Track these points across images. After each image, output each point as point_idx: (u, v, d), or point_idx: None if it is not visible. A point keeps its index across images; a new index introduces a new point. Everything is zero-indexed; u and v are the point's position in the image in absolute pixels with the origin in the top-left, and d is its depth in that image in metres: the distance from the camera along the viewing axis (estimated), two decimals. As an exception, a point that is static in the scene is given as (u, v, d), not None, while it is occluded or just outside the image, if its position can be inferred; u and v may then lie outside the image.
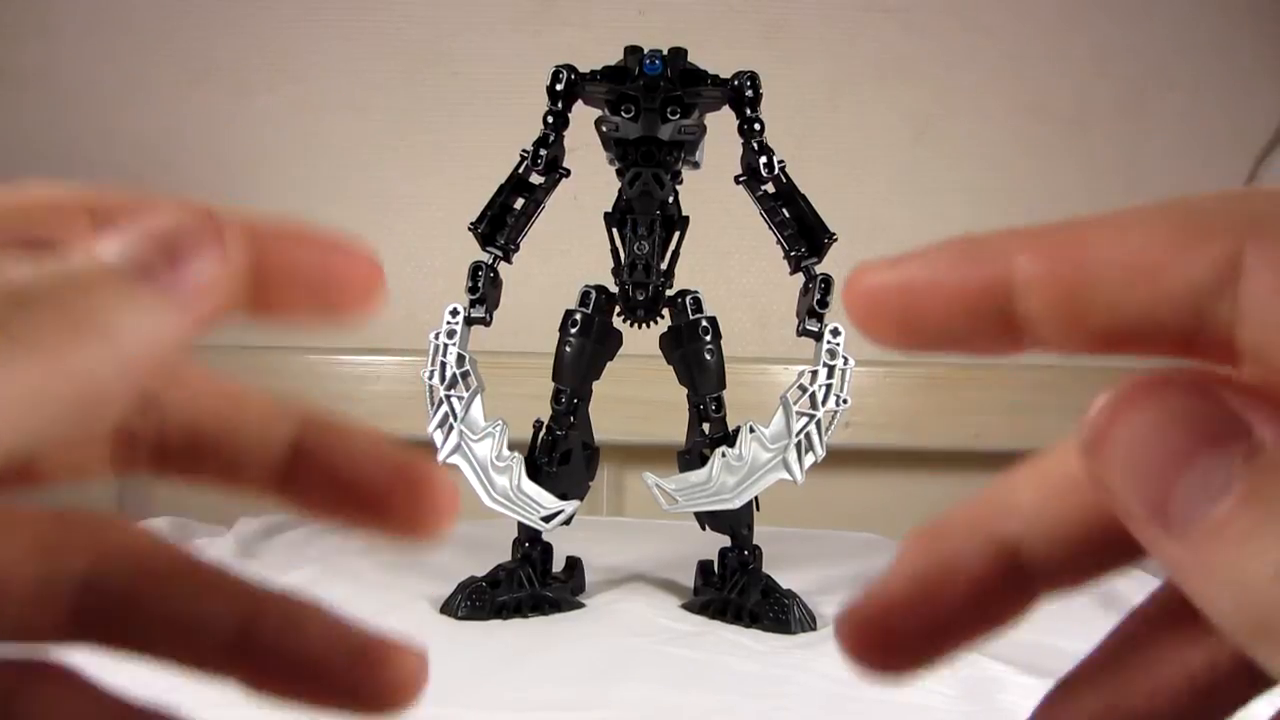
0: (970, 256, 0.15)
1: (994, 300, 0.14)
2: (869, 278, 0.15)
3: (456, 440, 0.64)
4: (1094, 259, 0.13)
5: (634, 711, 0.49)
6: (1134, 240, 0.13)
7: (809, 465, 0.64)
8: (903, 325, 0.15)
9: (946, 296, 0.14)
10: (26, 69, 1.14)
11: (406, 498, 0.17)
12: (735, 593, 0.66)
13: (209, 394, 0.18)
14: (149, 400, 0.17)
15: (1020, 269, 0.14)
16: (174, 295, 0.15)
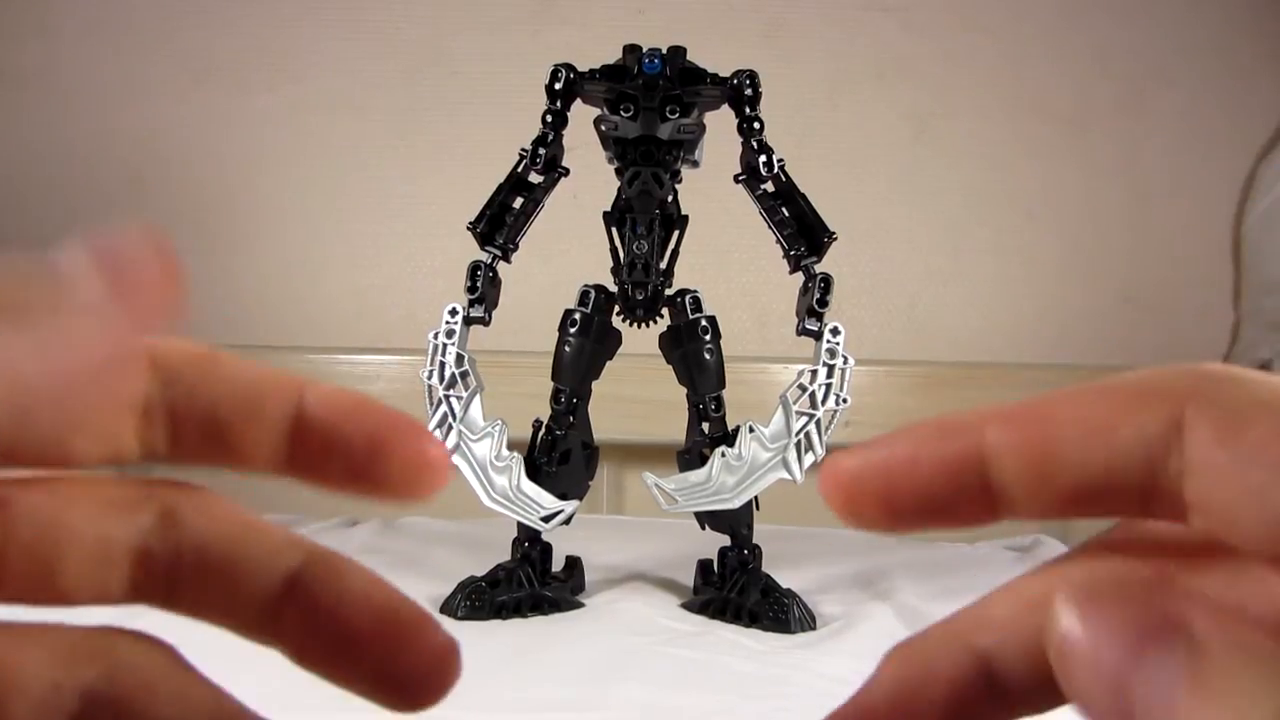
0: (943, 434, 0.16)
1: (969, 472, 0.16)
2: (846, 464, 0.16)
3: (456, 440, 0.64)
4: (1057, 423, 0.15)
5: (633, 711, 0.49)
6: (1092, 407, 0.15)
7: (809, 465, 0.64)
8: (885, 505, 0.16)
9: (925, 472, 0.16)
10: (26, 69, 1.14)
11: (389, 651, 0.18)
12: (735, 592, 0.66)
13: (224, 520, 0.18)
14: (171, 520, 0.17)
15: (991, 440, 0.16)
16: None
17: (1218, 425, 0.13)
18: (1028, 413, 0.16)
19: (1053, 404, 0.16)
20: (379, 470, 0.17)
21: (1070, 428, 0.15)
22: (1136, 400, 0.15)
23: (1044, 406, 0.16)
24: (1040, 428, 0.15)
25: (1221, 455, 0.13)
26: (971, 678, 0.16)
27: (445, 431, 0.65)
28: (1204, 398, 0.14)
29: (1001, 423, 0.16)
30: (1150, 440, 0.15)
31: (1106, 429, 0.15)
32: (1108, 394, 0.15)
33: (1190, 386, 0.14)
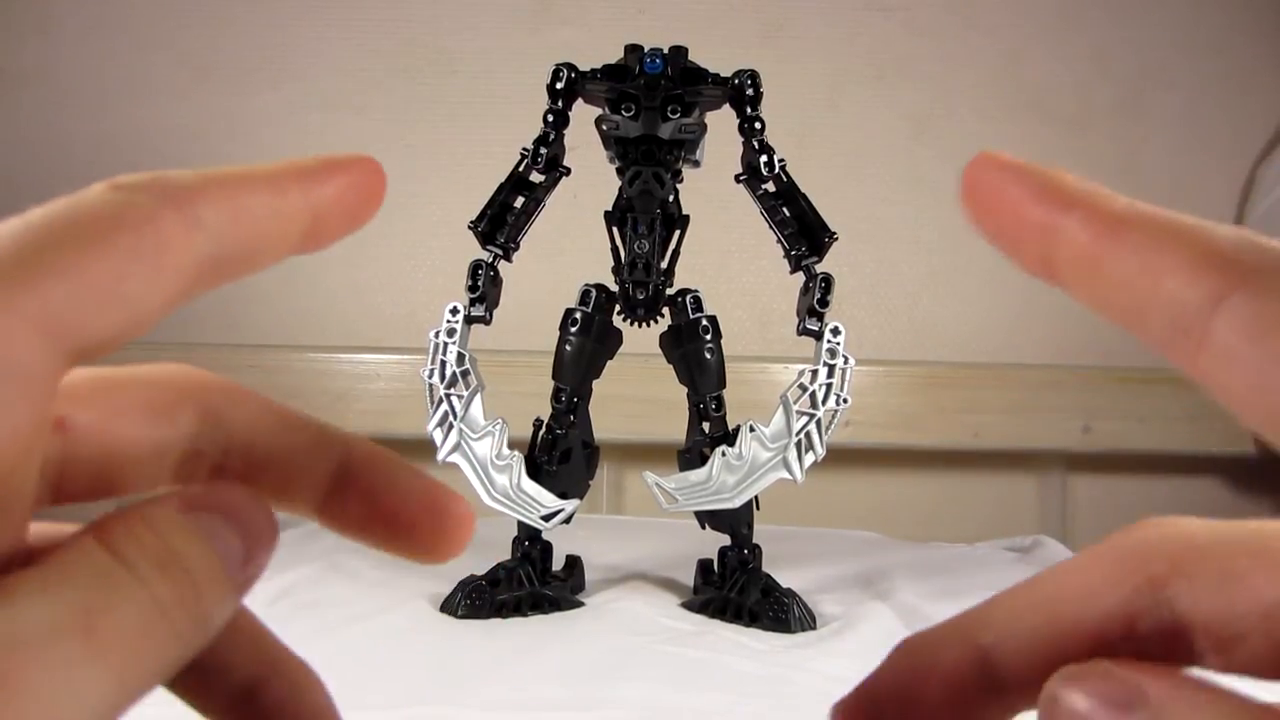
0: (938, 646, 0.17)
1: (972, 676, 0.17)
2: (847, 710, 0.17)
3: (456, 439, 0.64)
4: (1052, 606, 0.17)
5: (633, 710, 0.49)
6: (1074, 577, 0.17)
7: (809, 464, 0.64)
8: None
9: (939, 689, 0.17)
10: (26, 68, 1.14)
11: (431, 525, 0.19)
12: (735, 592, 0.66)
13: (268, 418, 0.19)
14: (216, 420, 0.19)
15: (989, 640, 0.17)
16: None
17: (1255, 317, 0.14)
18: (1016, 601, 0.17)
19: (1037, 587, 0.17)
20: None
21: (1058, 599, 0.17)
22: (1103, 558, 0.17)
23: (1029, 591, 0.17)
24: (1033, 613, 0.17)
25: (1252, 351, 0.14)
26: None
27: (446, 430, 0.65)
28: (1251, 284, 0.14)
29: (988, 618, 0.17)
30: (1126, 593, 0.16)
31: (1082, 585, 0.16)
32: (1077, 565, 0.17)
33: (1250, 264, 0.14)
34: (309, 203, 0.17)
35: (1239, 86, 1.18)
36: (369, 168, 0.18)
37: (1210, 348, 0.14)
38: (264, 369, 1.05)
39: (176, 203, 0.15)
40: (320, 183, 0.17)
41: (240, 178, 0.16)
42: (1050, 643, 0.17)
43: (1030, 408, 1.08)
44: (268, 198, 0.17)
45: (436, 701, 0.48)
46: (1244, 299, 0.14)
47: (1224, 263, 0.14)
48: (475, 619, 0.64)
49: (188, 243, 0.15)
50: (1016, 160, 0.17)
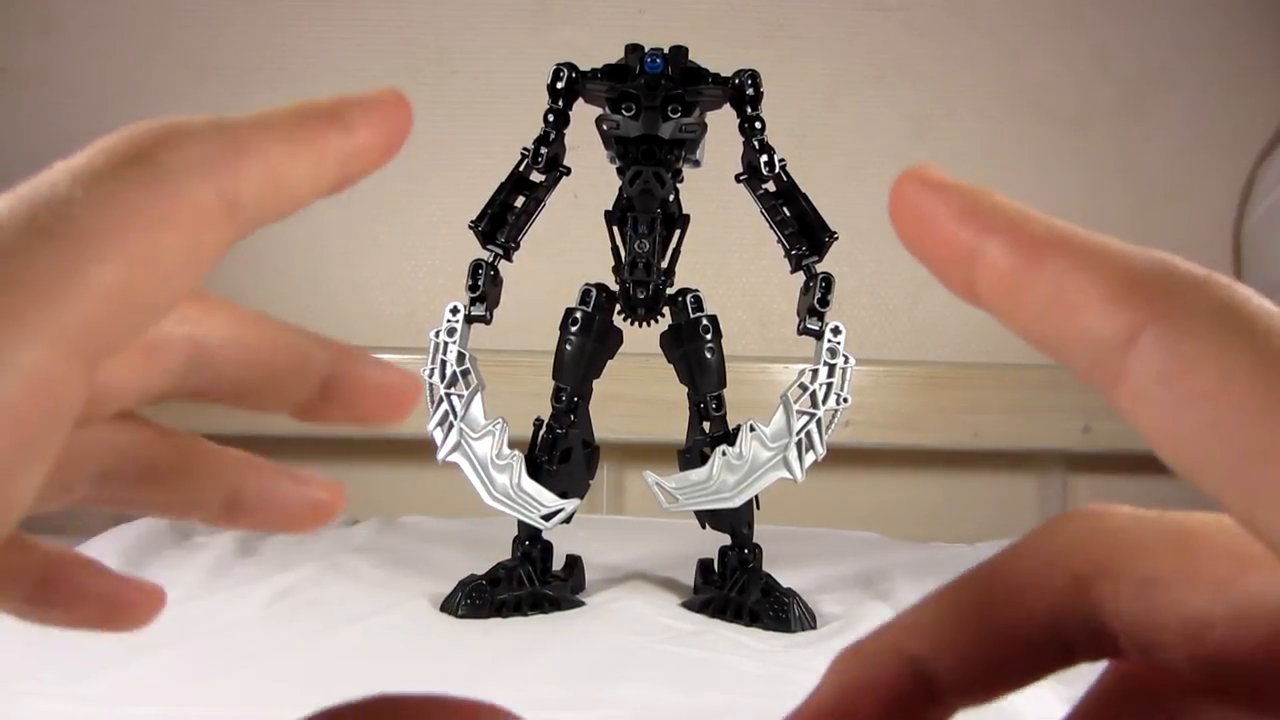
0: (873, 659, 0.17)
1: (917, 683, 0.17)
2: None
3: (457, 438, 0.64)
4: (977, 610, 0.17)
5: (634, 710, 0.49)
6: (997, 581, 0.17)
7: (809, 464, 0.64)
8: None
9: (877, 703, 0.17)
10: (27, 68, 1.14)
11: (392, 412, 0.21)
12: (735, 591, 0.66)
13: (259, 349, 0.20)
14: (205, 362, 0.19)
15: (916, 649, 0.17)
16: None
17: (1165, 358, 0.13)
18: (942, 605, 0.17)
19: (962, 589, 0.17)
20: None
21: (987, 605, 0.17)
22: (1028, 557, 0.17)
23: (954, 593, 0.17)
24: (960, 616, 0.17)
25: (1163, 394, 0.13)
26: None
27: (446, 430, 0.65)
28: (1164, 320, 0.13)
29: (917, 627, 0.17)
30: (1051, 593, 0.16)
31: (1013, 591, 0.17)
32: (1001, 564, 0.17)
33: (1165, 297, 0.14)
34: (342, 156, 0.17)
35: (1239, 86, 1.18)
36: (396, 104, 0.18)
37: (1125, 386, 0.14)
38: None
39: (219, 186, 0.14)
40: (351, 131, 0.17)
41: (281, 143, 0.16)
42: (981, 646, 0.17)
43: (1030, 408, 1.08)
44: (307, 163, 0.16)
45: (437, 701, 0.48)
46: (1156, 337, 0.13)
47: (1138, 296, 0.14)
48: (475, 618, 0.64)
49: (227, 234, 0.15)
50: (944, 178, 0.16)
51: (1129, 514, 0.17)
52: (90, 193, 0.13)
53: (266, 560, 0.78)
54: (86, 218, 0.13)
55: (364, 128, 0.17)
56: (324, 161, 0.16)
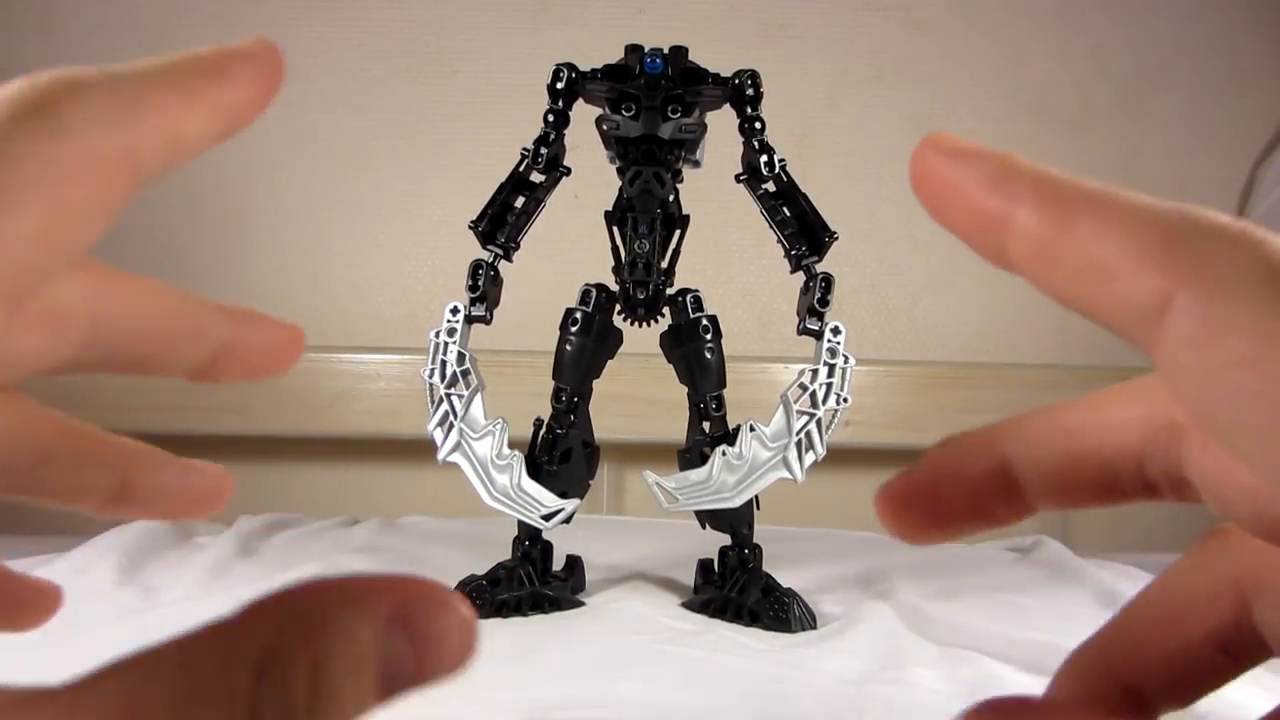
0: (969, 450, 0.19)
1: (997, 479, 0.19)
2: (893, 488, 0.19)
3: (457, 438, 0.64)
4: (1066, 424, 0.19)
5: (634, 709, 0.49)
6: (1093, 403, 0.18)
7: (809, 464, 0.64)
8: (932, 518, 0.19)
9: (962, 487, 0.19)
10: (28, 67, 1.14)
11: (283, 366, 0.22)
12: (735, 591, 0.66)
13: (160, 317, 0.20)
14: (107, 333, 0.20)
15: (1009, 449, 0.19)
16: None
17: (1197, 324, 0.13)
18: (1043, 422, 0.19)
19: (1065, 411, 0.19)
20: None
21: (1083, 429, 0.18)
22: (1134, 395, 0.18)
23: (1057, 413, 0.19)
24: (1056, 432, 0.18)
25: (1196, 359, 0.13)
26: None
27: (446, 430, 0.65)
28: (1196, 284, 0.13)
29: (1017, 432, 0.19)
30: (1144, 425, 0.17)
31: (1107, 418, 0.18)
32: (1109, 396, 0.18)
33: (1196, 257, 0.13)
34: (228, 108, 0.17)
35: (1239, 86, 1.18)
36: (269, 54, 0.18)
37: (1160, 348, 0.14)
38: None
39: (120, 140, 0.15)
40: (235, 84, 0.17)
41: (175, 97, 0.16)
42: (1065, 464, 0.18)
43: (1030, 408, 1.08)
44: (198, 116, 0.17)
45: (436, 701, 0.48)
46: (1188, 302, 0.13)
47: (1170, 258, 0.14)
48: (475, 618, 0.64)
49: (128, 186, 0.15)
50: (966, 144, 0.16)
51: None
52: (0, 145, 0.14)
53: (266, 561, 0.78)
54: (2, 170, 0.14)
55: (244, 80, 0.17)
56: (213, 114, 0.17)
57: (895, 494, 0.19)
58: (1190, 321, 0.13)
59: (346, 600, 0.15)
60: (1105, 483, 0.18)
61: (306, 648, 0.14)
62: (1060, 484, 0.18)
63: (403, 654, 0.15)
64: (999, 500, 0.19)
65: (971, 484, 0.19)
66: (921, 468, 0.19)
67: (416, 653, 0.15)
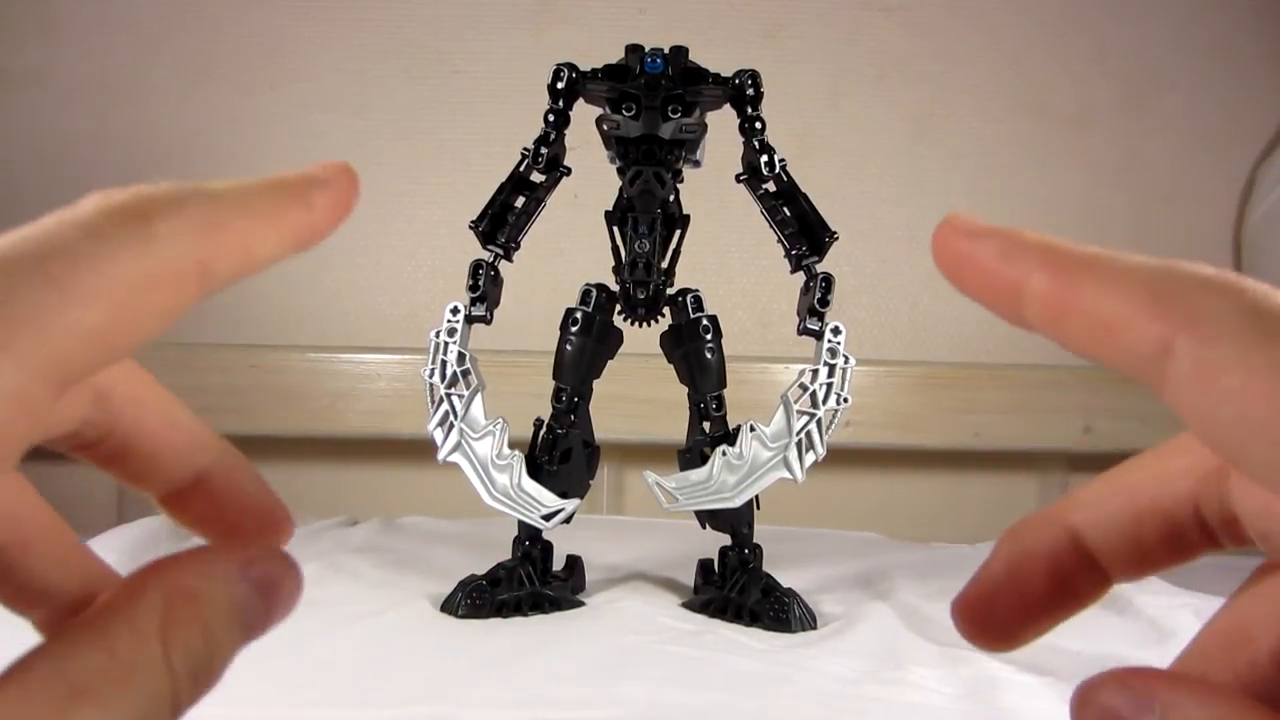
0: (1031, 533, 0.20)
1: (1069, 558, 0.19)
2: (969, 599, 0.20)
3: (457, 438, 0.64)
4: (1129, 486, 0.19)
5: (634, 710, 0.49)
6: (1152, 462, 0.19)
7: (809, 464, 0.64)
8: (1020, 614, 0.20)
9: (1040, 570, 0.20)
10: (27, 68, 1.14)
11: (256, 536, 0.22)
12: (735, 591, 0.66)
13: (155, 417, 0.21)
14: (107, 409, 0.20)
15: (1078, 520, 0.19)
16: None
17: (1194, 364, 0.15)
18: (1102, 485, 0.20)
19: (1122, 472, 0.20)
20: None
21: (1140, 485, 0.19)
22: (1182, 446, 0.19)
23: (1115, 476, 0.20)
24: (1116, 494, 0.19)
25: (1197, 394, 0.15)
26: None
27: (446, 430, 0.64)
28: (1191, 330, 0.15)
29: (1089, 512, 0.19)
30: (1194, 472, 0.18)
31: (1162, 471, 0.19)
32: (1160, 452, 0.19)
33: (1189, 307, 0.15)
34: (302, 230, 0.18)
35: (1239, 86, 1.18)
36: (348, 182, 0.19)
37: (1168, 389, 0.15)
38: (264, 369, 1.05)
39: (199, 256, 0.16)
40: (312, 209, 0.18)
41: (255, 220, 0.17)
42: (1130, 521, 0.19)
43: (1030, 408, 1.08)
44: (273, 237, 0.18)
45: (437, 701, 0.48)
46: (1185, 347, 0.15)
47: (1166, 309, 0.15)
48: (476, 619, 0.64)
49: (196, 296, 0.16)
50: (978, 224, 0.18)
51: None
52: (93, 245, 0.15)
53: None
54: (86, 268, 0.15)
55: (322, 205, 0.18)
56: (286, 235, 0.18)
57: (971, 601, 0.20)
58: (1189, 363, 0.15)
59: (206, 565, 0.18)
60: (1172, 536, 0.19)
61: (193, 610, 0.17)
62: (1131, 545, 0.19)
63: (255, 604, 0.18)
64: (1078, 576, 0.19)
65: (1047, 565, 0.19)
66: (991, 566, 0.20)
67: (265, 601, 0.18)
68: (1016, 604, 0.20)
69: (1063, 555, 0.19)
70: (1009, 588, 0.20)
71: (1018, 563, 0.20)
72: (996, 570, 0.20)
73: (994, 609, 0.20)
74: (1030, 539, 0.20)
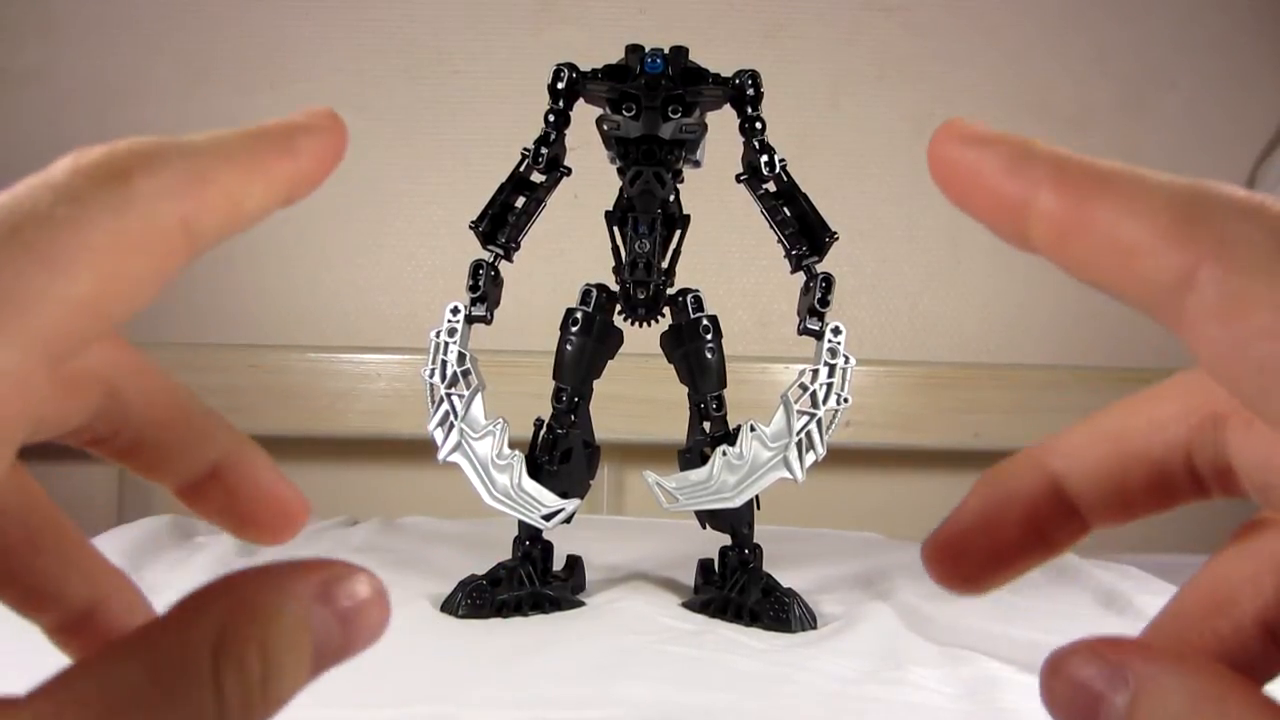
0: (1009, 477, 0.19)
1: (1049, 501, 0.19)
2: (941, 539, 0.19)
3: (457, 438, 0.64)
4: (1115, 430, 0.19)
5: (634, 710, 0.49)
6: (1139, 408, 0.19)
7: (810, 464, 0.64)
8: (991, 559, 0.19)
9: (1016, 515, 0.19)
10: (27, 68, 1.14)
11: (273, 525, 0.21)
12: (736, 591, 0.66)
13: (167, 409, 0.20)
14: (119, 404, 0.20)
15: (1059, 466, 0.19)
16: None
17: (1221, 298, 0.13)
18: (1087, 431, 0.19)
19: (1108, 417, 0.19)
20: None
21: (1128, 431, 0.18)
22: (1174, 391, 0.18)
23: (1099, 421, 0.19)
24: (1102, 440, 0.18)
25: (1222, 332, 0.13)
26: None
27: (447, 430, 0.65)
28: (1217, 259, 0.14)
29: (1062, 446, 0.19)
30: (1187, 418, 0.18)
31: (1151, 417, 0.18)
32: (1148, 396, 0.18)
33: (1216, 232, 0.14)
34: (288, 180, 0.17)
35: (1239, 86, 1.18)
36: (334, 128, 0.18)
37: (1186, 324, 0.14)
38: (264, 369, 1.05)
39: (183, 213, 0.15)
40: (297, 157, 0.17)
41: (239, 171, 0.16)
42: (1116, 468, 0.18)
43: (1030, 408, 1.08)
44: (259, 188, 0.17)
45: (437, 701, 0.48)
46: (1211, 277, 0.13)
47: (1190, 234, 0.14)
48: (476, 619, 0.64)
49: (184, 256, 0.16)
50: (984, 130, 0.16)
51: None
52: (70, 210, 0.14)
53: (266, 560, 0.78)
54: (66, 235, 0.14)
55: (307, 153, 0.17)
56: (273, 186, 0.17)
57: (942, 543, 0.19)
58: (1213, 297, 0.13)
59: (277, 582, 0.16)
60: (1159, 484, 0.18)
61: (253, 629, 0.15)
62: (1115, 492, 0.18)
63: (330, 629, 0.17)
64: (1055, 522, 0.19)
65: (1024, 510, 0.19)
66: (965, 508, 0.19)
67: (342, 627, 0.17)
68: (989, 548, 0.19)
69: (1040, 501, 0.19)
70: (983, 531, 0.19)
71: (994, 506, 0.19)
72: (970, 513, 0.19)
73: (966, 552, 0.19)
74: (1008, 483, 0.19)
